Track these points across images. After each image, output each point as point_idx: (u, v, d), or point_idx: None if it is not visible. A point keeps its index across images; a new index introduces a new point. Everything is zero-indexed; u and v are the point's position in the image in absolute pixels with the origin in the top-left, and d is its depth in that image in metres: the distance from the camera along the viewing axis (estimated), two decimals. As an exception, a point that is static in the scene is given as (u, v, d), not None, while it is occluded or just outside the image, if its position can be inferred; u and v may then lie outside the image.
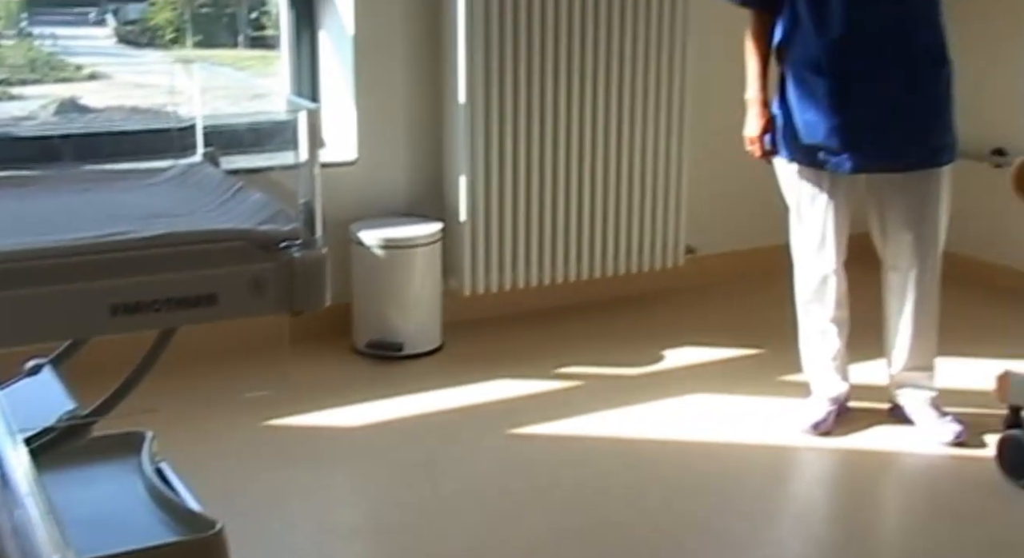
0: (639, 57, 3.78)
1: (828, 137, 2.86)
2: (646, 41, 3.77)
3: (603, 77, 3.74)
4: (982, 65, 4.02)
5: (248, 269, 1.79)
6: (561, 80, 3.68)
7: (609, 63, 3.74)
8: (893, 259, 2.96)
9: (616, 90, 3.77)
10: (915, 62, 2.82)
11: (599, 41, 3.70)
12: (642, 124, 3.84)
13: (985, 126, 4.03)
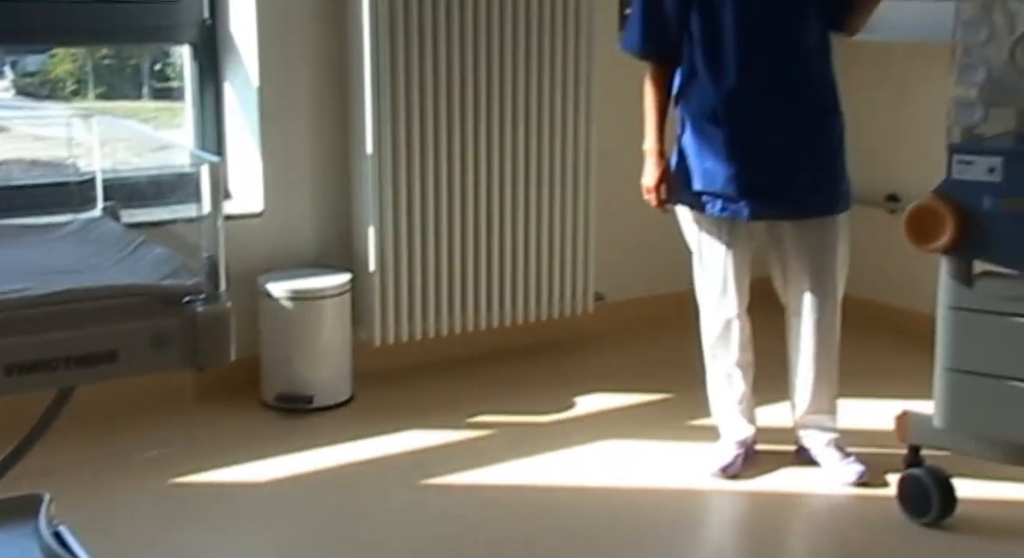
0: (545, 107, 3.83)
1: (726, 185, 2.93)
2: (551, 91, 3.83)
3: (510, 127, 3.78)
4: (876, 115, 4.17)
5: (150, 325, 1.77)
6: (468, 129, 3.71)
7: (515, 112, 3.78)
8: (794, 303, 3.04)
9: (523, 139, 3.82)
10: (808, 113, 2.91)
11: (505, 91, 3.75)
12: (549, 173, 3.89)
13: (879, 173, 4.17)
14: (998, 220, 2.43)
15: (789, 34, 2.87)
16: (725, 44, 2.87)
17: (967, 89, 2.50)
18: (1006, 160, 2.43)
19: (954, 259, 2.53)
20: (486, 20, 3.66)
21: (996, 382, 2.48)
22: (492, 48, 3.70)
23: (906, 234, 2.55)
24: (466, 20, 3.63)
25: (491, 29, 3.68)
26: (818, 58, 2.93)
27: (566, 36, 3.81)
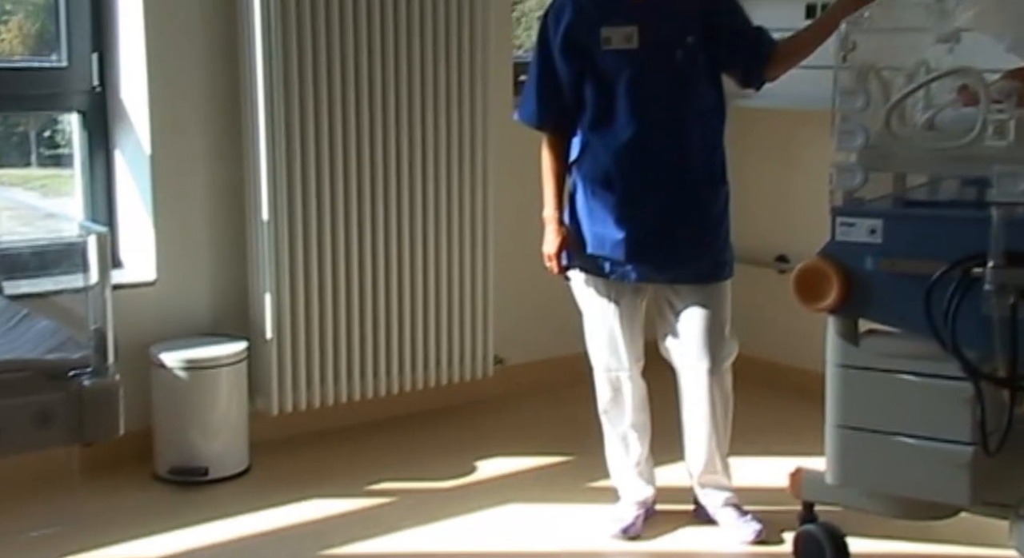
0: (442, 173, 3.86)
1: (614, 249, 2.98)
2: (448, 157, 3.86)
3: (407, 193, 3.80)
4: (765, 179, 4.29)
5: (34, 401, 1.73)
6: (365, 195, 3.71)
7: (412, 178, 3.80)
8: (684, 366, 3.08)
9: (420, 205, 3.83)
10: (696, 181, 2.97)
11: (402, 157, 3.77)
12: (447, 237, 3.91)
13: (769, 235, 4.29)
14: (880, 279, 2.51)
15: (682, 103, 2.94)
16: (619, 112, 2.94)
17: (847, 155, 2.58)
18: (886, 222, 2.51)
19: (840, 318, 2.60)
20: (381, 87, 3.69)
21: (883, 438, 2.54)
22: (388, 114, 3.72)
23: (794, 294, 2.61)
24: (361, 86, 3.65)
25: (387, 96, 3.70)
26: (710, 128, 3.00)
27: (461, 102, 3.86)
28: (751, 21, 3.01)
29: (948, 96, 2.66)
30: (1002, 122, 2.35)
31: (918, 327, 2.42)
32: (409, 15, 3.70)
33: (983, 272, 2.29)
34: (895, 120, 2.56)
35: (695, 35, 2.92)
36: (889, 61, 2.71)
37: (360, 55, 3.63)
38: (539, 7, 5.07)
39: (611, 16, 2.92)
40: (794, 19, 3.91)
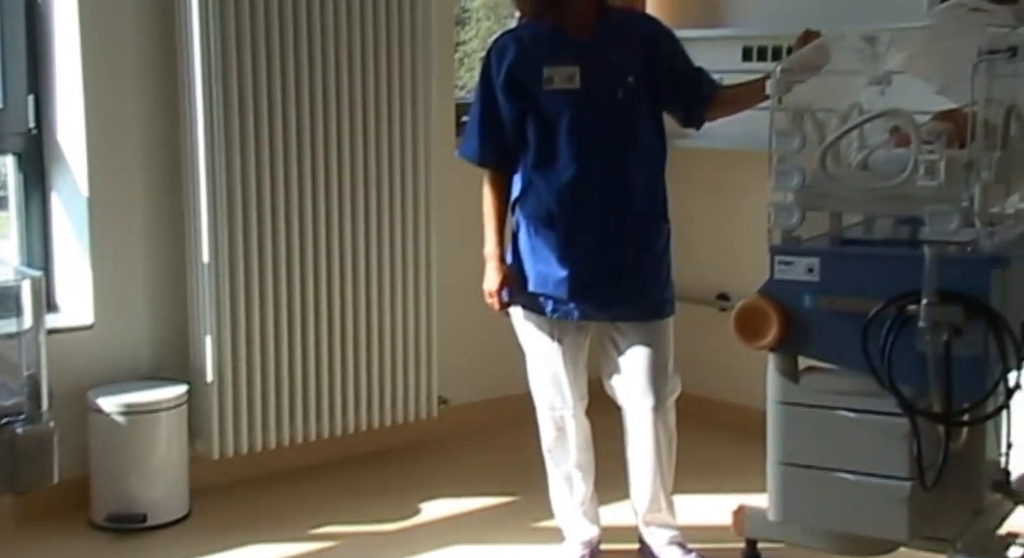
0: (384, 213, 3.85)
1: (556, 287, 2.99)
2: (390, 197, 3.86)
3: (349, 234, 3.79)
4: (706, 217, 4.35)
5: (-36, 449, 1.68)
6: (307, 236, 3.70)
7: (354, 219, 3.79)
8: (627, 405, 3.09)
9: (363, 245, 3.82)
10: (637, 219, 3.00)
11: (344, 198, 3.76)
12: (390, 277, 3.89)
13: (710, 273, 4.33)
14: (818, 317, 2.54)
15: (623, 142, 2.97)
16: (561, 151, 2.96)
17: (784, 194, 2.62)
18: (822, 260, 2.54)
19: (780, 355, 2.62)
20: (323, 127, 3.69)
21: (824, 474, 2.55)
22: (330, 154, 3.71)
23: (734, 332, 2.63)
24: (303, 126, 3.65)
25: (328, 136, 3.70)
26: (651, 166, 3.03)
27: (404, 141, 3.86)
28: (692, 62, 3.06)
29: (881, 137, 2.71)
30: (933, 163, 2.40)
31: (856, 364, 2.45)
32: (351, 55, 3.71)
33: (917, 309, 2.33)
34: (830, 161, 2.60)
35: (637, 75, 2.96)
36: (823, 103, 2.76)
37: (302, 95, 3.63)
38: (481, 48, 5.11)
39: (553, 56, 2.95)
40: (731, 61, 3.99)
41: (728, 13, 4.25)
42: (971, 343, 2.32)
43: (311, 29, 3.62)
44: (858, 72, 2.81)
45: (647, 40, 3.00)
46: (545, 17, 2.96)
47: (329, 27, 3.65)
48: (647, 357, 3.01)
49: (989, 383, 2.36)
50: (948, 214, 2.39)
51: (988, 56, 2.36)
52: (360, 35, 3.72)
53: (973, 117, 2.38)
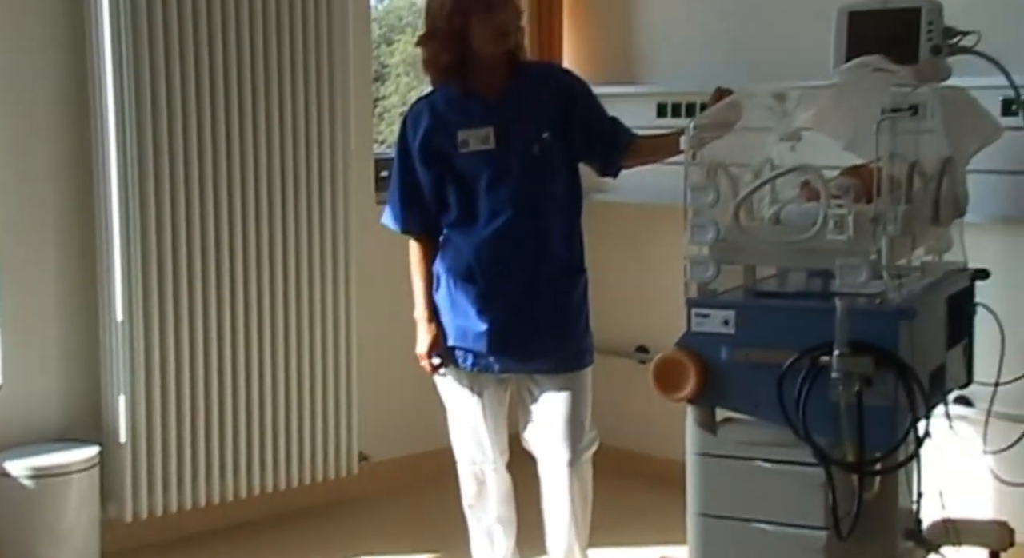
0: (303, 268, 3.83)
1: (476, 340, 3.00)
2: (309, 252, 3.84)
3: (268, 289, 3.75)
4: (625, 270, 4.39)
5: None
6: (224, 292, 3.66)
7: (273, 274, 3.76)
8: (543, 456, 3.09)
9: (282, 301, 3.79)
10: (555, 272, 3.02)
11: (262, 253, 3.73)
12: (309, 334, 3.86)
13: (629, 325, 4.37)
14: (734, 369, 2.56)
15: (540, 197, 3.00)
16: (479, 209, 2.98)
17: (699, 248, 2.66)
18: (738, 312, 2.57)
19: (698, 407, 2.65)
20: (240, 181, 3.66)
21: (742, 525, 2.57)
22: (248, 209, 3.69)
23: (653, 385, 2.65)
24: (220, 179, 3.62)
25: (246, 191, 3.68)
26: (567, 218, 3.06)
27: (323, 196, 3.85)
28: (606, 112, 3.11)
29: (792, 192, 2.77)
30: (841, 217, 2.45)
31: (771, 415, 2.48)
32: (268, 112, 3.70)
33: (830, 361, 2.37)
34: (744, 215, 2.65)
35: (551, 129, 2.99)
36: (736, 158, 2.81)
37: (219, 152, 3.61)
38: (401, 103, 5.15)
39: (467, 119, 2.97)
40: (647, 117, 4.06)
41: (643, 70, 4.33)
42: (882, 393, 2.37)
43: (227, 85, 3.61)
44: (769, 128, 2.87)
45: (561, 93, 3.04)
46: (456, 88, 2.99)
47: (247, 84, 3.65)
48: (564, 410, 3.02)
49: (900, 432, 2.40)
50: (857, 267, 2.44)
51: (891, 114, 2.43)
52: (278, 91, 3.72)
53: (878, 173, 2.44)
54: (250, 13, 3.63)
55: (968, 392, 3.18)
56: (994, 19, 3.09)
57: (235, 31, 3.61)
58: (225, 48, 3.59)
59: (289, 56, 3.73)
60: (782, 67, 3.71)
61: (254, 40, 3.65)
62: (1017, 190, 3.14)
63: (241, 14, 3.61)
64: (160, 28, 3.46)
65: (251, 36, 3.64)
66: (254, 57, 3.65)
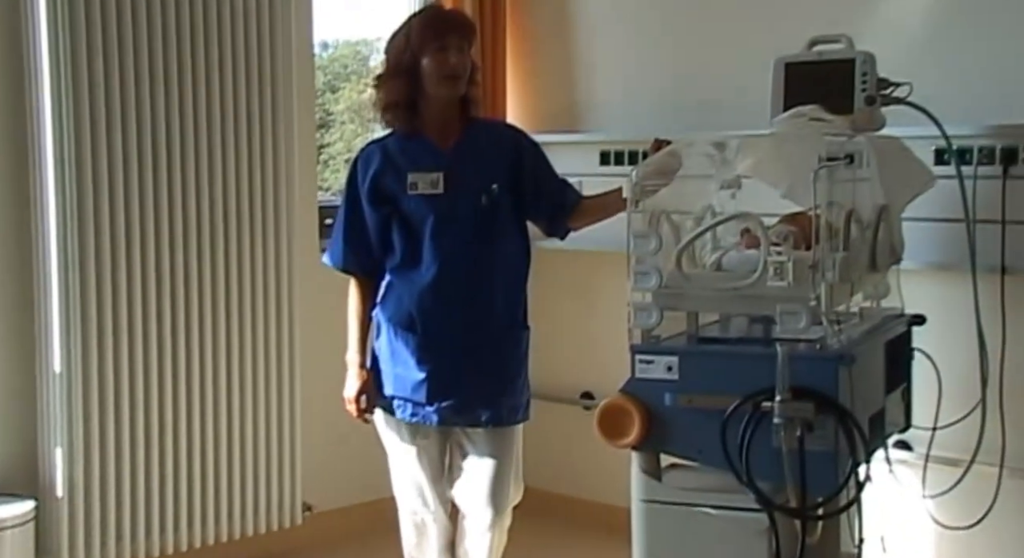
0: (247, 315, 3.79)
1: (415, 391, 2.99)
2: (252, 299, 3.80)
3: (210, 336, 3.71)
4: (570, 317, 4.40)
5: None
6: (166, 342, 3.61)
7: (215, 322, 3.72)
8: (467, 511, 3.08)
9: (224, 350, 3.75)
10: (497, 325, 3.02)
11: (204, 301, 3.69)
12: (252, 382, 3.82)
13: (574, 373, 4.37)
14: (678, 415, 2.58)
15: (485, 248, 3.00)
16: (423, 255, 2.98)
17: (642, 295, 2.68)
18: (681, 359, 2.60)
19: (642, 454, 2.66)
20: (183, 229, 3.63)
21: (688, 571, 2.58)
22: (190, 257, 3.66)
23: (597, 432, 2.65)
24: (161, 230, 3.59)
25: (187, 239, 3.65)
26: (513, 272, 3.06)
27: (266, 242, 3.83)
28: (555, 173, 3.13)
29: (733, 239, 2.81)
30: (781, 264, 2.49)
31: (715, 460, 2.50)
32: (211, 156, 3.68)
33: (772, 406, 2.39)
34: (686, 262, 2.68)
35: (500, 183, 3.01)
36: (678, 206, 2.85)
37: (160, 197, 3.58)
38: (346, 150, 5.16)
39: (418, 162, 2.99)
40: (590, 165, 4.11)
41: (586, 119, 4.38)
42: (823, 438, 2.40)
43: (170, 133, 3.59)
44: (710, 176, 2.92)
45: (511, 150, 3.07)
46: (406, 128, 3.01)
47: (189, 132, 3.63)
48: (493, 469, 3.02)
49: (841, 477, 2.43)
50: (797, 313, 2.48)
51: (828, 163, 2.49)
52: (220, 139, 3.70)
53: (816, 220, 2.48)
54: (192, 63, 3.62)
55: (907, 436, 3.23)
56: (925, 71, 3.18)
57: (177, 79, 3.59)
58: (167, 97, 3.57)
59: (232, 104, 3.72)
60: (722, 116, 3.78)
61: (196, 89, 3.64)
62: (950, 237, 3.20)
63: (184, 63, 3.60)
64: (101, 85, 3.43)
65: (194, 85, 3.63)
66: (196, 105, 3.64)
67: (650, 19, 4.16)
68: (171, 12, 3.56)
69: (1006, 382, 3.19)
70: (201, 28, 3.63)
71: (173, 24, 3.56)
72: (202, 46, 3.63)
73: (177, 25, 3.57)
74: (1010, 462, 3.21)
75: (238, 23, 3.71)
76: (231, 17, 3.69)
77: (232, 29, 3.70)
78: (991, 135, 3.19)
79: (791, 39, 3.15)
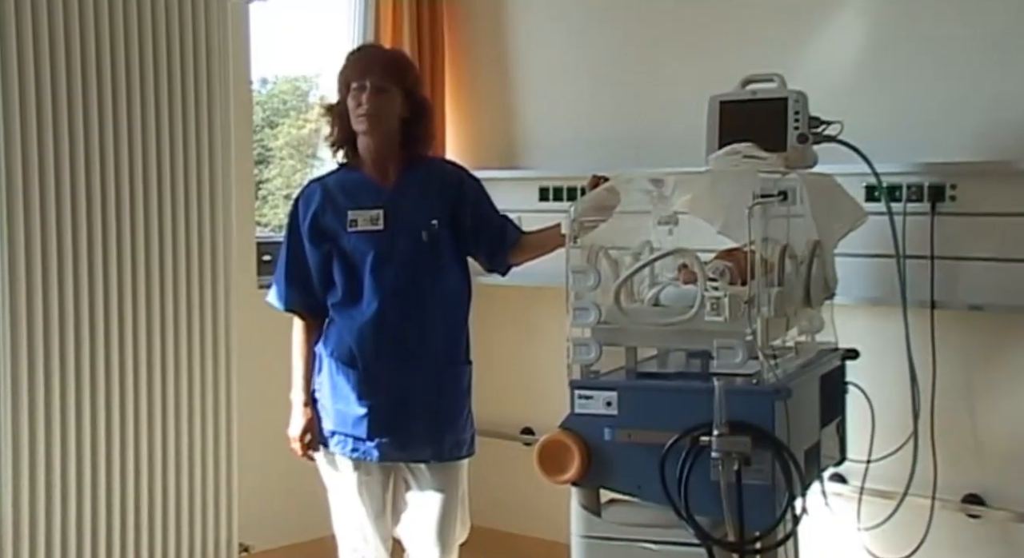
0: (183, 352, 3.73)
1: (356, 426, 2.97)
2: (189, 337, 3.74)
3: (145, 374, 3.65)
4: (510, 352, 4.40)
5: None
6: (99, 381, 3.54)
7: (151, 360, 3.66)
8: (413, 549, 3.07)
9: (159, 389, 3.68)
10: (438, 361, 3.02)
11: (139, 338, 3.63)
12: (188, 421, 3.76)
13: (514, 408, 4.36)
14: (618, 450, 2.59)
15: (426, 284, 3.00)
16: (364, 291, 2.98)
17: (582, 330, 2.70)
18: (620, 394, 2.61)
19: (582, 489, 2.66)
20: (117, 266, 3.58)
21: (628, 607, 2.58)
22: (124, 295, 3.60)
23: (537, 468, 2.65)
24: (95, 266, 3.53)
25: (122, 279, 3.59)
26: (453, 308, 3.07)
27: (203, 279, 3.78)
28: (496, 209, 3.15)
29: (670, 274, 2.84)
30: (717, 299, 2.52)
31: (654, 495, 2.51)
32: (147, 193, 3.63)
33: (709, 441, 2.41)
34: (624, 297, 2.70)
35: (441, 219, 3.02)
36: (616, 242, 2.88)
37: (94, 233, 3.52)
38: (285, 186, 5.13)
39: (359, 200, 3.00)
40: (529, 201, 4.13)
41: (525, 155, 4.41)
42: (760, 472, 2.42)
43: (104, 168, 3.54)
44: (648, 212, 2.96)
45: (453, 186, 3.08)
46: (348, 164, 3.02)
47: (124, 167, 3.58)
48: (439, 505, 3.01)
49: (778, 511, 2.45)
50: (734, 348, 2.51)
51: (762, 199, 2.53)
52: (157, 177, 3.65)
53: (751, 256, 2.52)
54: (128, 98, 3.58)
55: (842, 469, 3.28)
56: (856, 109, 3.25)
57: (112, 114, 3.55)
58: (102, 131, 3.53)
59: (168, 140, 3.68)
60: (659, 153, 3.83)
61: (132, 124, 3.59)
62: (882, 273, 3.27)
63: (119, 98, 3.56)
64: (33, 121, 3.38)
65: (128, 120, 3.59)
66: (132, 140, 3.60)
67: (588, 57, 4.21)
68: (105, 46, 3.52)
69: (937, 415, 3.25)
70: (137, 64, 3.59)
71: (108, 58, 3.53)
72: (138, 82, 3.60)
73: (112, 59, 3.54)
74: (942, 494, 3.26)
75: (174, 59, 3.68)
76: (167, 53, 3.66)
77: (168, 65, 3.67)
78: (919, 172, 3.27)
79: (725, 77, 3.21)
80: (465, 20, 4.54)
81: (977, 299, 3.19)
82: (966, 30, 3.29)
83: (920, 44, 3.39)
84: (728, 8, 3.79)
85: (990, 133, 3.25)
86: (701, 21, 3.84)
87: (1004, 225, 3.14)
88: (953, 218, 3.22)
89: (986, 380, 3.30)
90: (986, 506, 3.29)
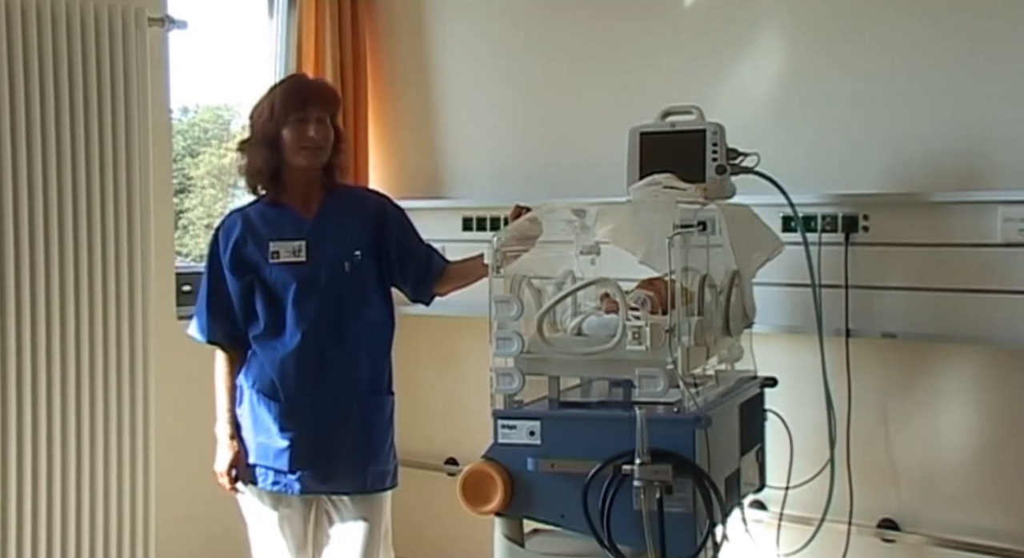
0: (99, 385, 3.64)
1: (277, 459, 2.94)
2: (104, 366, 3.66)
3: (58, 409, 3.56)
4: (435, 382, 4.39)
5: None
6: (10, 413, 3.45)
7: (65, 388, 3.56)
8: None
9: (74, 423, 3.59)
10: (360, 392, 3.00)
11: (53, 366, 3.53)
12: (103, 456, 3.66)
13: (438, 439, 4.34)
14: (541, 480, 2.59)
15: (348, 315, 2.99)
16: (286, 323, 2.96)
17: (504, 360, 2.70)
18: (543, 423, 2.62)
19: (505, 519, 2.66)
20: (30, 298, 3.49)
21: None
22: (37, 323, 3.51)
23: (461, 498, 2.64)
24: (7, 294, 3.45)
25: (36, 308, 3.50)
26: (376, 339, 3.05)
27: (120, 309, 3.69)
28: (421, 238, 3.14)
29: (593, 303, 2.86)
30: (639, 328, 2.54)
31: (577, 525, 2.51)
32: (61, 223, 3.56)
33: (632, 469, 2.43)
34: (547, 326, 2.72)
35: (364, 249, 3.01)
36: (539, 271, 2.90)
37: (6, 260, 3.44)
38: (207, 215, 5.07)
39: (279, 231, 2.98)
40: (453, 231, 4.14)
41: (449, 185, 4.42)
42: (681, 500, 2.44)
43: (16, 197, 3.47)
44: (570, 242, 2.98)
45: (375, 215, 3.07)
46: (269, 196, 3.00)
47: (37, 193, 3.51)
48: (362, 537, 2.98)
49: (699, 538, 2.47)
50: (655, 376, 2.53)
51: (682, 229, 2.56)
52: (72, 207, 3.57)
53: (672, 285, 2.55)
54: (42, 126, 3.51)
55: (762, 496, 3.32)
56: (773, 142, 3.32)
57: (26, 141, 3.48)
58: (15, 158, 3.46)
59: (84, 169, 3.61)
60: (580, 183, 3.86)
61: (46, 153, 3.52)
62: (798, 301, 3.33)
63: (32, 124, 3.49)
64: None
65: (43, 149, 3.52)
66: (46, 170, 3.52)
67: (511, 89, 4.24)
68: (19, 72, 3.45)
69: (853, 441, 3.32)
70: (51, 91, 3.52)
71: (21, 84, 3.46)
72: (52, 109, 3.53)
73: (26, 85, 3.47)
74: (858, 519, 3.32)
75: (91, 86, 3.62)
76: (83, 80, 3.60)
77: (85, 92, 3.60)
78: (834, 203, 3.34)
79: (645, 108, 3.26)
80: (388, 50, 4.55)
81: (890, 327, 3.26)
82: (877, 68, 3.39)
83: (833, 80, 3.47)
84: (648, 42, 3.85)
85: (901, 166, 3.34)
86: (622, 54, 3.90)
87: (916, 255, 3.22)
88: (867, 248, 3.29)
89: (900, 406, 3.37)
90: (900, 530, 3.35)
